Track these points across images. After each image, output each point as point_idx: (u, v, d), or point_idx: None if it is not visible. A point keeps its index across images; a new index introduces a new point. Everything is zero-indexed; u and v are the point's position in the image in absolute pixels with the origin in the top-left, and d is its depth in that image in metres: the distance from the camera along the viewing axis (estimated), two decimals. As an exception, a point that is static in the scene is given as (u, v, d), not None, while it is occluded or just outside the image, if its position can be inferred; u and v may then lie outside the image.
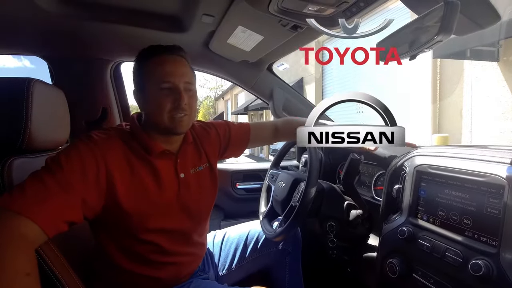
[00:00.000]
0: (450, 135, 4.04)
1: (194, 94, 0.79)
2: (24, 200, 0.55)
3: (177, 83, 0.74)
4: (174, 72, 0.75)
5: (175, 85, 0.74)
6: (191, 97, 0.77)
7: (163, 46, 0.78)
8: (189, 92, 0.77)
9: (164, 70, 0.74)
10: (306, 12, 0.81)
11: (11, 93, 0.66)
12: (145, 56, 0.77)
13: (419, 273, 0.68)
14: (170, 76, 0.74)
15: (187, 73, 0.77)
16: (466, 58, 3.72)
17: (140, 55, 0.79)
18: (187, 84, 0.76)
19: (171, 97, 0.74)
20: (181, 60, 0.78)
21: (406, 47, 0.61)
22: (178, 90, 0.74)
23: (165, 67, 0.75)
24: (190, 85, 0.77)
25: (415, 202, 0.73)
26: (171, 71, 0.74)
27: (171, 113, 0.74)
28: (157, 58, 0.75)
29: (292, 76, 8.42)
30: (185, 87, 0.76)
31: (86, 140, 0.69)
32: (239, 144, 1.03)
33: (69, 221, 0.61)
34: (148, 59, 0.76)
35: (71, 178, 0.61)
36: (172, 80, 0.74)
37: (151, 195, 0.74)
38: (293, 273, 1.11)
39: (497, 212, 0.56)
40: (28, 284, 0.49)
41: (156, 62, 0.75)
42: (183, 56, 0.79)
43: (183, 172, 0.82)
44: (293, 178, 1.05)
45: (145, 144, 0.76)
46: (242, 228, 1.12)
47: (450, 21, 0.54)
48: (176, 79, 0.74)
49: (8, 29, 1.02)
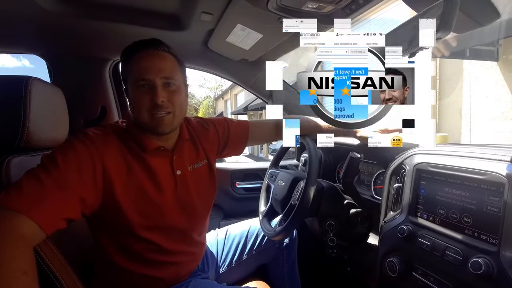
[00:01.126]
0: (450, 135, 4.03)
1: (177, 90, 0.75)
2: (21, 199, 0.54)
3: (153, 80, 0.71)
4: (150, 67, 0.71)
5: (151, 82, 0.71)
6: (172, 92, 0.74)
7: (141, 41, 0.75)
8: (169, 88, 0.73)
9: (140, 66, 0.72)
10: (305, 9, 0.81)
11: (9, 91, 0.66)
12: (125, 54, 0.76)
13: (419, 271, 0.68)
14: (146, 72, 0.71)
15: (166, 67, 0.73)
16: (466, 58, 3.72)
17: (122, 53, 0.77)
18: (165, 80, 0.73)
19: (149, 95, 0.71)
20: (159, 54, 0.74)
21: (406, 44, 0.61)
22: (154, 87, 0.71)
23: (141, 63, 0.72)
24: (170, 80, 0.73)
25: (415, 200, 0.73)
26: (146, 67, 0.71)
27: (151, 112, 0.72)
28: (136, 55, 0.73)
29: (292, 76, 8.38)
30: (164, 82, 0.73)
31: (82, 138, 0.68)
32: (238, 141, 1.03)
33: (67, 218, 0.60)
34: (128, 57, 0.74)
35: (67, 176, 0.61)
36: (147, 77, 0.71)
37: (148, 193, 0.74)
38: (290, 265, 1.12)
39: (497, 210, 0.56)
40: (26, 284, 0.48)
41: (134, 59, 0.73)
42: (163, 50, 0.76)
43: (180, 169, 0.81)
44: (293, 177, 1.05)
45: (140, 141, 0.75)
46: (243, 225, 1.13)
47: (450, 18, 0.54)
48: (152, 75, 0.71)
49: (6, 27, 1.02)
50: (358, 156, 0.91)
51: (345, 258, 1.03)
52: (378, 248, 0.80)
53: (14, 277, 0.47)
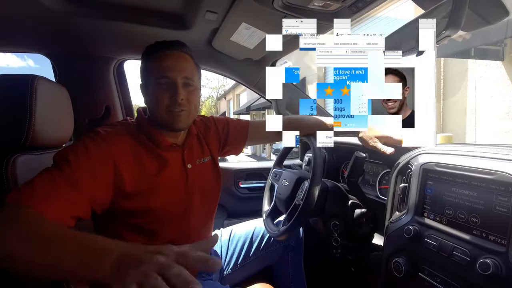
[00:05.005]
0: (454, 135, 4.00)
1: (194, 90, 0.79)
2: (32, 195, 0.55)
3: (174, 78, 0.75)
4: (173, 67, 0.75)
5: (173, 80, 0.75)
6: (190, 92, 0.77)
7: (166, 42, 0.78)
8: (188, 88, 0.77)
9: (162, 65, 0.75)
10: (311, 7, 0.80)
11: (15, 90, 0.66)
12: (147, 52, 0.78)
13: (425, 272, 0.67)
14: (168, 71, 0.74)
15: (187, 68, 0.77)
16: (471, 57, 3.69)
17: (145, 51, 0.80)
18: (186, 79, 0.76)
19: (169, 92, 0.74)
20: (181, 55, 0.78)
21: (413, 42, 0.60)
22: (175, 85, 0.74)
23: (164, 63, 0.75)
24: (190, 80, 0.77)
25: (422, 200, 0.72)
26: (169, 66, 0.75)
27: (169, 108, 0.75)
28: (158, 54, 0.76)
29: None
30: (184, 82, 0.76)
31: (94, 136, 0.69)
32: (237, 140, 1.03)
33: (76, 216, 0.60)
34: (150, 56, 0.77)
35: (79, 174, 0.61)
36: (169, 75, 0.74)
37: (159, 189, 0.75)
38: (296, 268, 1.11)
39: (506, 210, 0.55)
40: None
41: (157, 58, 0.76)
42: (185, 52, 0.79)
43: (190, 163, 0.84)
44: (297, 177, 1.04)
45: (154, 138, 0.77)
46: (247, 226, 1.12)
47: (459, 16, 0.53)
48: (174, 74, 0.75)
49: (11, 27, 1.03)
50: (363, 155, 0.90)
51: (350, 259, 1.03)
52: (384, 249, 0.80)
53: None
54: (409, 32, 0.63)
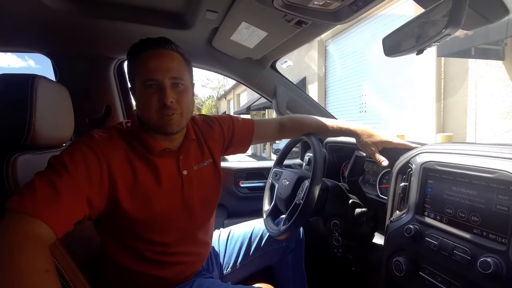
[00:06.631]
0: (455, 134, 4.00)
1: (185, 90, 0.74)
2: (36, 203, 0.54)
3: (161, 80, 0.70)
4: (159, 67, 0.70)
5: (160, 82, 0.70)
6: (180, 93, 0.73)
7: (150, 39, 0.74)
8: (177, 88, 0.72)
9: (147, 66, 0.70)
10: (312, 6, 0.80)
11: (15, 89, 0.66)
12: (131, 52, 0.74)
13: (426, 271, 0.67)
14: (154, 72, 0.70)
15: (174, 67, 0.72)
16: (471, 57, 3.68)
17: (129, 50, 0.75)
18: (174, 80, 0.72)
19: (157, 95, 0.70)
20: (167, 54, 0.73)
21: (413, 41, 0.60)
22: (163, 87, 0.70)
23: (149, 63, 0.70)
24: (179, 80, 0.72)
25: (422, 199, 0.72)
26: (155, 67, 0.70)
27: (159, 112, 0.71)
28: (142, 54, 0.72)
29: (295, 76, 8.38)
30: (172, 83, 0.72)
31: (88, 141, 0.68)
32: (243, 140, 1.02)
33: (76, 221, 0.61)
34: (135, 55, 0.73)
35: (77, 180, 0.61)
36: (156, 77, 0.70)
37: (154, 195, 0.73)
38: (297, 269, 1.11)
39: (506, 209, 0.55)
40: (49, 280, 0.49)
41: (142, 58, 0.72)
42: (171, 49, 0.74)
43: (186, 169, 0.81)
44: (297, 176, 1.04)
45: (146, 143, 0.74)
46: (246, 226, 1.12)
47: (459, 14, 0.53)
48: (161, 75, 0.70)
49: (12, 26, 1.03)
50: (363, 155, 0.90)
51: (350, 258, 1.03)
52: (384, 248, 0.79)
53: (38, 275, 0.47)
54: (409, 31, 0.62)
